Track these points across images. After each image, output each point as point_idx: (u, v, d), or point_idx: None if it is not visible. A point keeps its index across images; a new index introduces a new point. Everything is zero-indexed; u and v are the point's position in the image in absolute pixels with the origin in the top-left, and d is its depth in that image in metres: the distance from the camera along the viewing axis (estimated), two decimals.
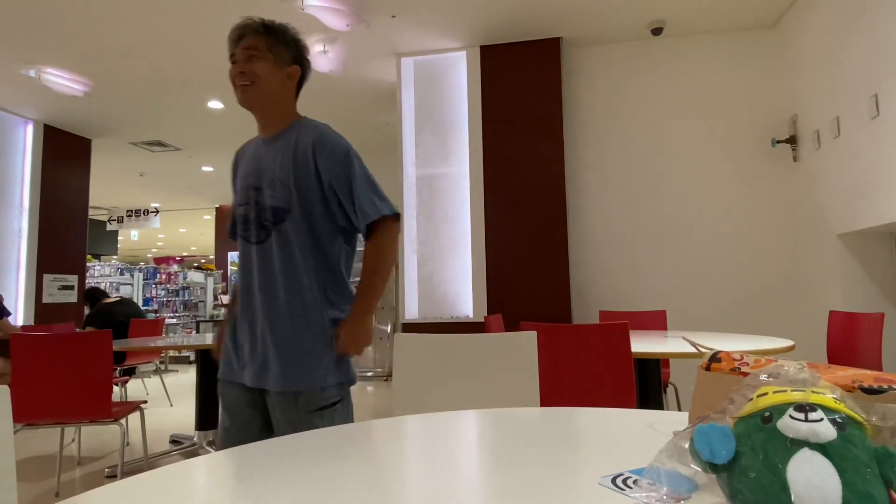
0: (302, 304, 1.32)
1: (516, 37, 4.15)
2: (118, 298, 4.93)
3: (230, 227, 1.47)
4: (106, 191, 8.95)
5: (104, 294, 5.05)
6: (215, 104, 5.30)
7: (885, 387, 0.44)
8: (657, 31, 4.05)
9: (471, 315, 4.09)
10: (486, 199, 4.11)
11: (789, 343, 1.93)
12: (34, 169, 5.55)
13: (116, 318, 4.54)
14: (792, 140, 3.84)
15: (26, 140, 5.55)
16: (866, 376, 0.46)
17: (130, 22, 3.80)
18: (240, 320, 1.37)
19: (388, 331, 6.65)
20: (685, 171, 4.10)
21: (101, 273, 10.57)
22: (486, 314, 4.00)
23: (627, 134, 4.21)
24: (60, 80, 4.60)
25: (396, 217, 1.37)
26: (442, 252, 4.22)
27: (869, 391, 0.44)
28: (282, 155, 1.36)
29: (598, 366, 1.89)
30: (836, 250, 3.36)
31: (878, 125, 2.86)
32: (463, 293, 4.16)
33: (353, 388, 1.36)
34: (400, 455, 0.69)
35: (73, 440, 3.74)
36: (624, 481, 0.53)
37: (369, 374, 6.60)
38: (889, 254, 3.29)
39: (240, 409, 1.34)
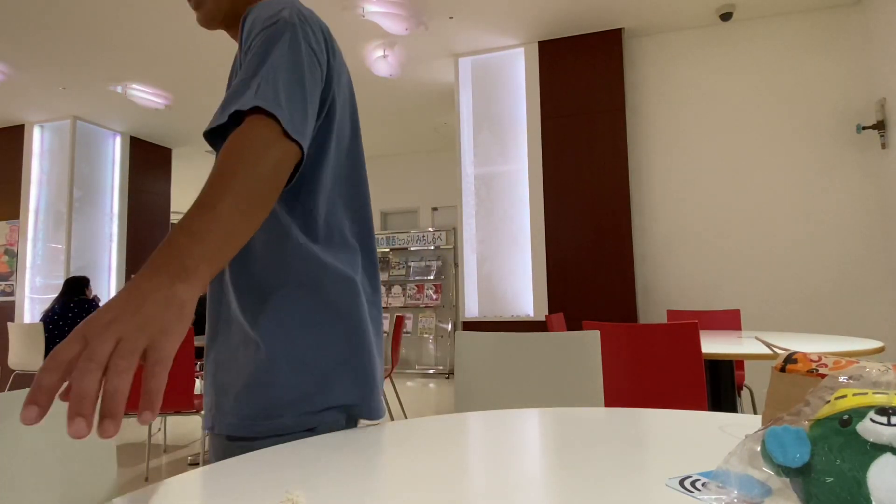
0: (233, 297, 0.81)
1: (575, 30, 4.08)
2: None
3: None
4: (185, 197, 9.56)
5: None
6: None
7: None
8: (726, 17, 3.86)
9: (531, 314, 4.06)
10: (546, 196, 4.07)
11: (877, 344, 1.79)
12: (122, 178, 6.01)
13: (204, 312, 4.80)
14: (880, 125, 3.55)
15: (115, 151, 6.02)
16: None
17: (206, 39, 4.03)
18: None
19: (449, 329, 6.71)
20: (759, 162, 3.89)
21: None
22: (546, 313, 3.96)
23: (695, 125, 4.04)
24: (144, 94, 4.96)
25: (269, 117, 0.65)
26: (501, 250, 4.21)
27: None
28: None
29: (665, 367, 1.83)
30: None
31: None
32: (523, 291, 4.13)
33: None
34: (462, 451, 0.70)
35: (160, 429, 4.02)
36: (692, 483, 0.52)
37: (430, 371, 6.68)
38: None
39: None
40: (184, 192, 8.94)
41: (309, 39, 0.76)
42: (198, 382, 4.99)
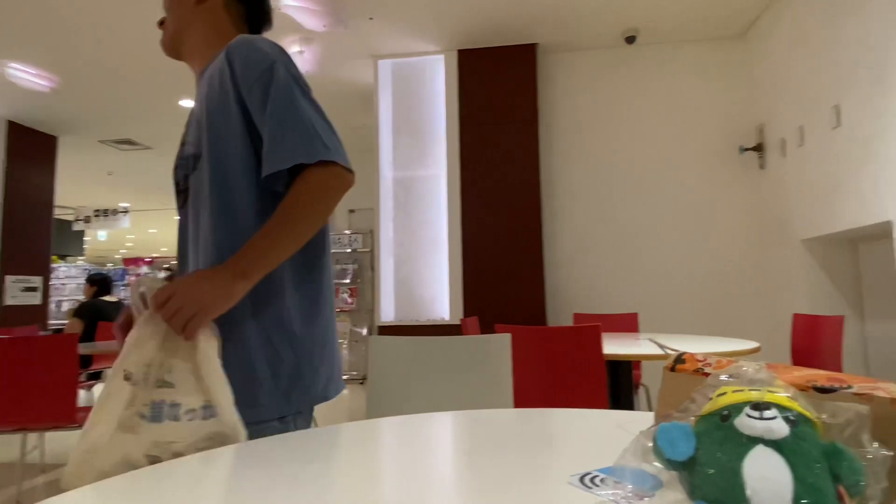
0: None
1: (493, 42, 4.19)
2: (118, 300, 4.79)
3: None
4: (72, 190, 8.69)
5: (108, 290, 4.71)
6: (187, 102, 5.20)
7: (837, 386, 0.46)
8: (631, 40, 4.13)
9: (447, 317, 4.10)
10: (463, 202, 4.13)
11: (754, 345, 1.98)
12: None
13: (103, 316, 4.36)
14: (759, 148, 3.96)
15: None
16: (820, 376, 0.49)
17: (99, 15, 3.70)
18: None
19: (365, 333, 6.61)
20: (656, 176, 4.19)
21: (66, 274, 10.27)
22: (462, 316, 4.02)
23: (601, 139, 4.28)
24: (25, 75, 4.46)
25: (340, 166, 0.89)
26: (419, 254, 4.21)
27: (821, 390, 0.46)
28: (204, 88, 0.99)
29: (571, 367, 1.91)
30: (801, 255, 3.47)
31: (839, 135, 2.97)
32: (440, 296, 4.16)
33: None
34: (373, 457, 0.69)
35: (35, 447, 3.62)
36: (592, 480, 0.55)
37: (344, 377, 6.54)
38: (849, 258, 3.42)
39: None
40: (70, 183, 8.12)
41: (302, 76, 0.95)
42: (82, 393, 4.55)
